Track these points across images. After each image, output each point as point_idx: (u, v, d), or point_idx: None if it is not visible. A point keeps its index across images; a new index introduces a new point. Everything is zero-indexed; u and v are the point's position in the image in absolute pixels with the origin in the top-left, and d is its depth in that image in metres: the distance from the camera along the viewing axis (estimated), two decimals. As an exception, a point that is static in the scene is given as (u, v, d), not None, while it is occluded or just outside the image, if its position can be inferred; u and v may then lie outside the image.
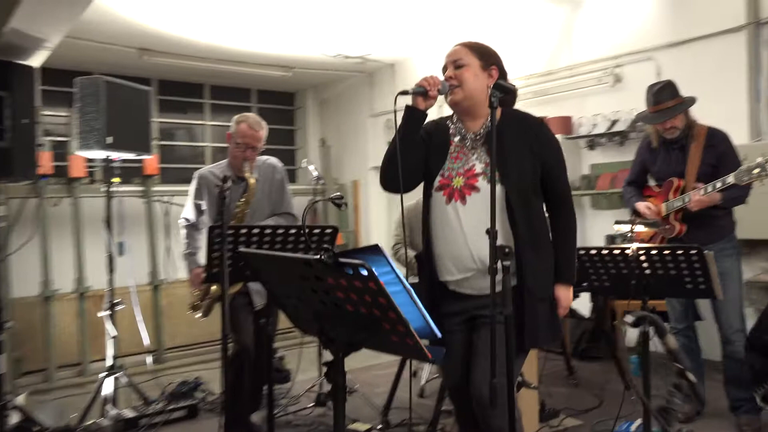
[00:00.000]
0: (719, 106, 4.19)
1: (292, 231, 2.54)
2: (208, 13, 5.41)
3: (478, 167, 2.11)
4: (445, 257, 2.15)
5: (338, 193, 1.79)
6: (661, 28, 4.92)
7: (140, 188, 5.91)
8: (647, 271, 2.64)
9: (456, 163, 2.16)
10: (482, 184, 2.07)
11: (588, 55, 5.44)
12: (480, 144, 2.14)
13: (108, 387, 3.85)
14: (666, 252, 2.54)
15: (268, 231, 2.53)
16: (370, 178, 7.90)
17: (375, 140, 7.76)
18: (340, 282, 1.50)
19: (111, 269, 3.96)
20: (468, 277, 2.13)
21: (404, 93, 2.05)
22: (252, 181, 2.99)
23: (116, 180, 4.01)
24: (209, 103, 8.15)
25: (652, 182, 3.64)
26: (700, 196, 3.16)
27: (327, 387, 4.11)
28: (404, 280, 1.51)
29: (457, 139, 2.19)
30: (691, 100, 3.36)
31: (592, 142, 5.38)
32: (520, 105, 5.54)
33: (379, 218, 7.85)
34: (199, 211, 3.38)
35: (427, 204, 2.21)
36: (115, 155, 3.88)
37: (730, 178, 3.05)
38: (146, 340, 4.79)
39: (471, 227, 2.07)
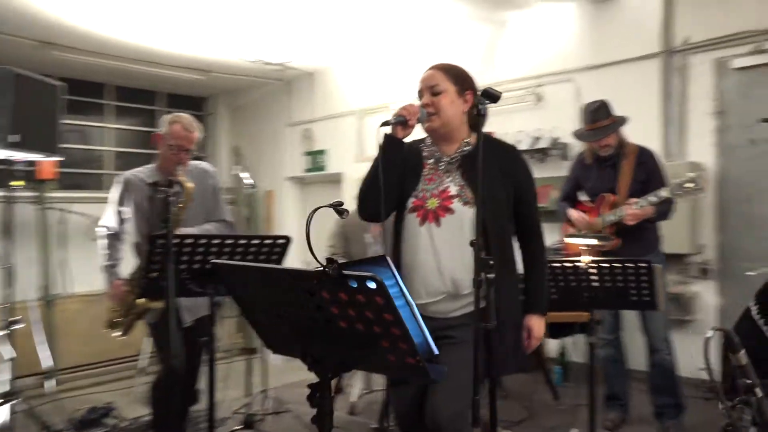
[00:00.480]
0: (634, 128, 4.38)
1: (242, 241, 2.36)
2: (119, 6, 5.04)
3: (453, 189, 2.08)
4: (414, 280, 2.08)
5: (339, 200, 1.66)
6: (582, 51, 5.14)
7: (34, 194, 5.37)
8: (595, 284, 2.68)
9: (430, 185, 2.12)
10: (457, 206, 2.05)
11: (511, 73, 5.58)
12: (455, 167, 2.12)
13: (1, 416, 3.41)
14: (617, 265, 2.60)
15: (216, 241, 2.32)
16: (285, 189, 7.69)
17: (292, 150, 7.57)
18: (338, 296, 1.37)
19: (9, 283, 3.54)
20: (437, 301, 2.07)
21: (386, 124, 2.00)
22: (190, 185, 2.76)
23: (19, 183, 3.60)
24: (112, 105, 7.62)
25: (584, 197, 3.75)
26: (634, 209, 3.28)
27: (256, 407, 3.92)
28: (408, 294, 1.40)
29: (431, 161, 2.16)
30: (623, 120, 3.51)
31: (514, 158, 5.51)
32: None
33: (292, 231, 7.64)
34: (121, 219, 3.09)
35: (398, 226, 2.15)
36: (19, 156, 3.48)
37: (665, 192, 3.19)
38: (48, 360, 4.32)
39: (445, 249, 2.03)
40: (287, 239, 2.42)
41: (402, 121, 2.03)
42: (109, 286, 3.03)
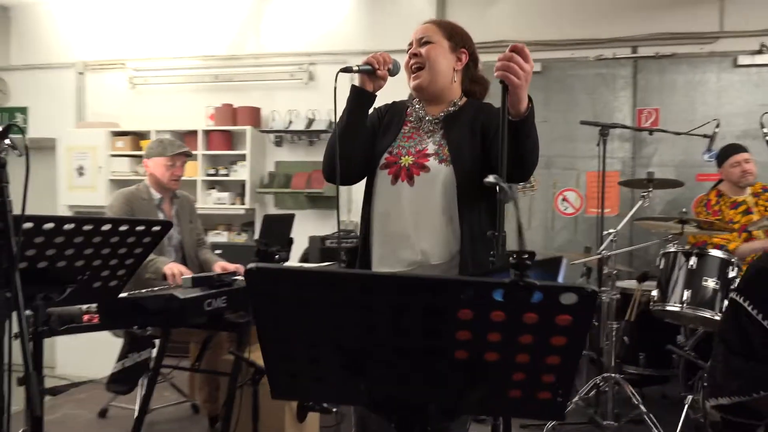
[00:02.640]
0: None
1: (106, 227, 1.56)
2: None
3: (431, 148, 1.84)
4: (384, 246, 1.84)
5: (492, 177, 1.12)
6: (357, 34, 5.03)
7: None
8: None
9: (407, 142, 1.87)
10: (433, 163, 1.81)
11: (278, 46, 5.18)
12: (439, 128, 1.88)
13: None
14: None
15: (68, 226, 1.48)
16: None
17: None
18: (487, 316, 0.95)
19: None
20: (407, 271, 1.79)
21: (347, 70, 1.80)
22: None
23: None
24: None
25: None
26: None
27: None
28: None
29: (413, 120, 1.92)
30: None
31: (280, 138, 5.14)
32: (196, 88, 5.19)
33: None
34: None
35: (369, 185, 1.88)
36: None
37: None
38: None
39: (417, 212, 1.80)
40: (165, 225, 1.71)
41: (368, 70, 1.81)
42: None
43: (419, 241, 1.79)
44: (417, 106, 1.93)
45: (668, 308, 3.06)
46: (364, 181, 1.92)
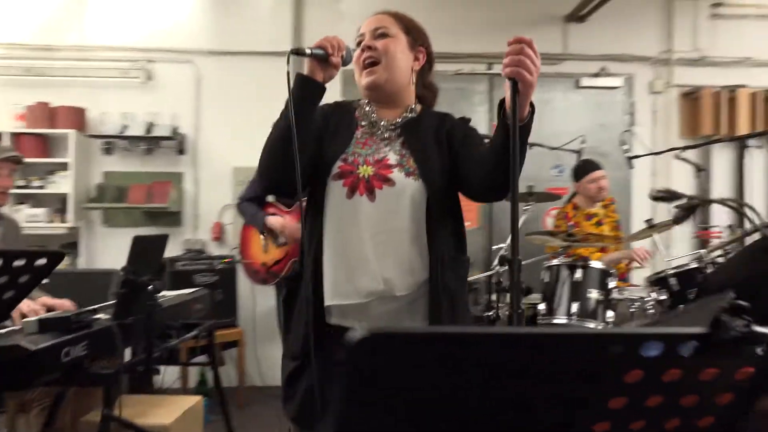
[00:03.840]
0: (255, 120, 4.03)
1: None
2: None
3: (393, 158, 1.58)
4: (338, 272, 1.54)
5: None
6: (203, 33, 4.56)
7: None
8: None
9: (363, 149, 1.61)
10: (399, 176, 1.55)
11: (107, 39, 4.48)
12: (396, 136, 1.62)
13: None
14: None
15: None
16: None
17: None
18: (660, 375, 0.71)
19: None
20: (365, 303, 1.52)
21: (297, 52, 1.49)
22: None
23: None
24: None
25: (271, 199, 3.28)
26: None
27: None
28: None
29: (364, 124, 1.65)
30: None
31: (110, 145, 4.43)
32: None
33: None
34: None
35: (318, 199, 1.57)
36: None
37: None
38: None
39: (378, 232, 1.54)
40: (54, 257, 1.21)
41: (321, 55, 1.48)
42: None
43: (381, 267, 1.52)
44: (367, 108, 1.66)
45: (556, 321, 3.10)
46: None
